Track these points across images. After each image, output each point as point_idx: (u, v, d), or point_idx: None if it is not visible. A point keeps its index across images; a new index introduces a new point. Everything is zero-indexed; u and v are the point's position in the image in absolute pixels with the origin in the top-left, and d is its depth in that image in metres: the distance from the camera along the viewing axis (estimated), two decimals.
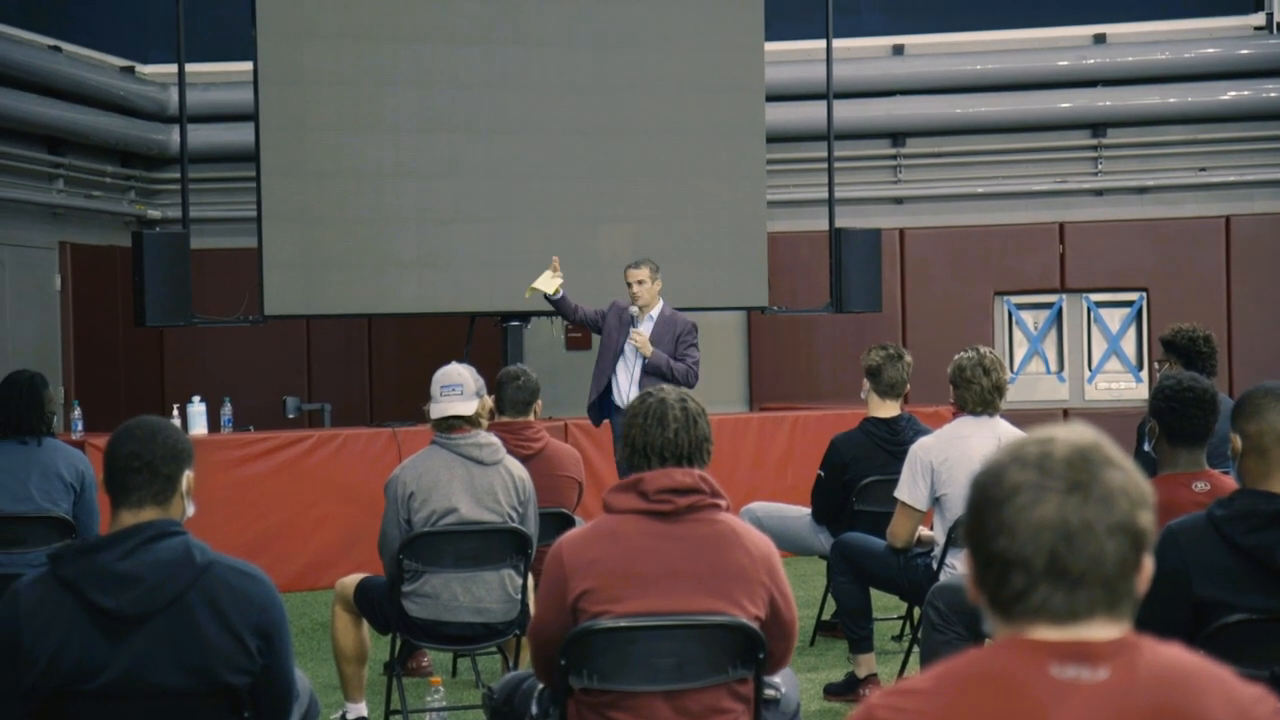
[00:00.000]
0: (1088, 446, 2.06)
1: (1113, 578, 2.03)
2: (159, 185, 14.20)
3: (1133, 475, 2.06)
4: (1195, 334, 7.51)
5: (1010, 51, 13.83)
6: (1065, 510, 2.02)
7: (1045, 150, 13.91)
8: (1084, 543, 2.02)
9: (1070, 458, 2.05)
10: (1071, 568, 2.02)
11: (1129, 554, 2.04)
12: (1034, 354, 13.63)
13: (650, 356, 9.43)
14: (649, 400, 4.22)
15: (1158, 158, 13.82)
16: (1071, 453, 2.05)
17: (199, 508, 3.74)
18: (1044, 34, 13.93)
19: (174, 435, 3.65)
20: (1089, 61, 13.73)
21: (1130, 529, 2.04)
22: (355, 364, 13.74)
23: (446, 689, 6.74)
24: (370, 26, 11.24)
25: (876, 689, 6.88)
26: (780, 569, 4.16)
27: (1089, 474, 2.04)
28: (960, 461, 6.41)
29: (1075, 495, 2.03)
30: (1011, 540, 2.04)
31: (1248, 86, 13.53)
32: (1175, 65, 13.62)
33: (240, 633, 3.52)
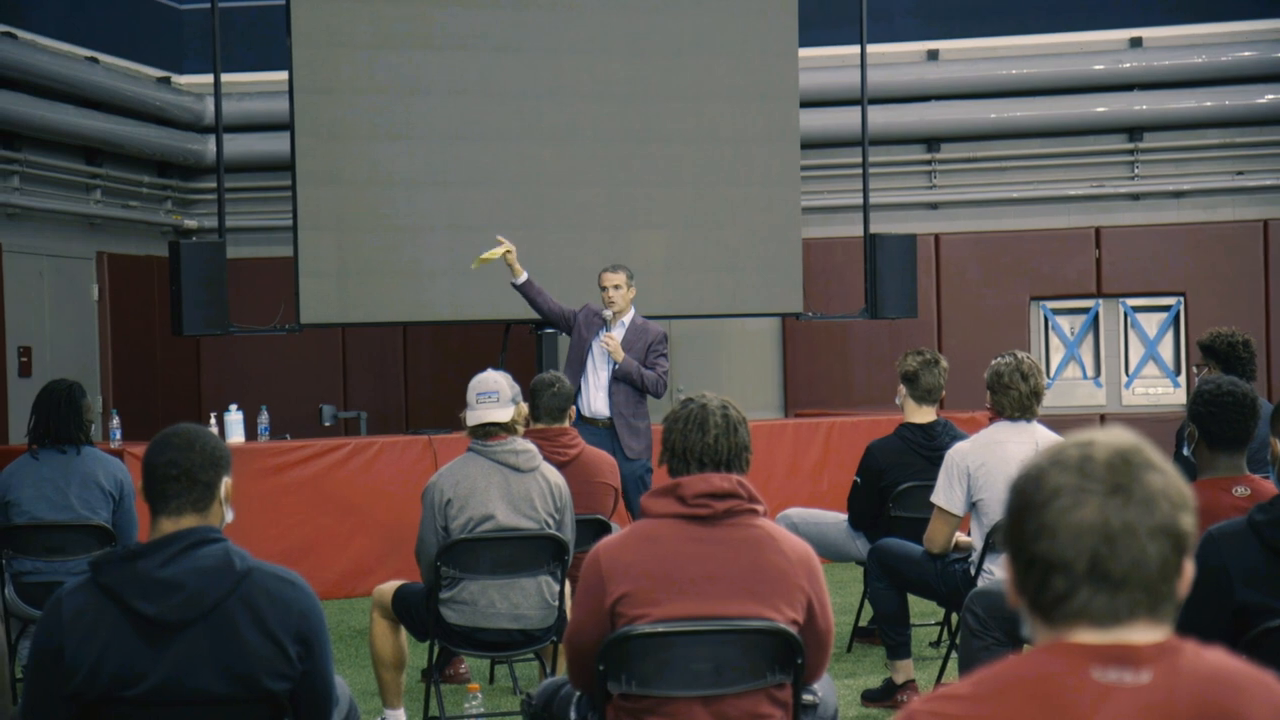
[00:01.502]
0: (1128, 449, 2.06)
1: (1154, 580, 2.03)
2: (195, 195, 14.28)
3: (1173, 478, 2.06)
4: (1234, 338, 7.47)
5: (1045, 56, 13.78)
6: (1106, 512, 2.02)
7: (1081, 155, 13.86)
8: (1125, 545, 2.01)
9: (1111, 460, 2.04)
10: (1113, 570, 2.02)
11: (1170, 556, 2.03)
12: (1070, 359, 13.58)
13: (621, 362, 9.36)
14: (690, 406, 4.22)
15: (1194, 161, 13.76)
16: (1112, 455, 2.05)
17: (237, 516, 3.76)
18: (1079, 38, 13.88)
19: (212, 442, 3.67)
20: (1125, 65, 13.67)
21: (1172, 531, 2.03)
22: (390, 372, 13.77)
23: (484, 695, 6.75)
24: (404, 36, 11.27)
25: (915, 695, 6.90)
26: (820, 574, 4.16)
27: (1130, 477, 2.03)
28: (997, 466, 6.40)
29: (1116, 498, 2.02)
30: (1053, 543, 2.03)
31: None
32: (1211, 69, 13.56)
33: (280, 639, 3.53)
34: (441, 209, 11.37)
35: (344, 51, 11.15)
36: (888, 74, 13.39)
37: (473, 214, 11.40)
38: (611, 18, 11.66)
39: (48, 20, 12.58)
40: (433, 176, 11.33)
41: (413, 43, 11.27)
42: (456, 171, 11.37)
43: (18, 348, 12.09)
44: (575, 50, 11.56)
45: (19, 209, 12.14)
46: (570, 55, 11.55)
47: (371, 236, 11.25)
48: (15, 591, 6.83)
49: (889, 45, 13.60)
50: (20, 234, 12.20)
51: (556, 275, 11.56)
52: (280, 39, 11.13)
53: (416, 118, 11.31)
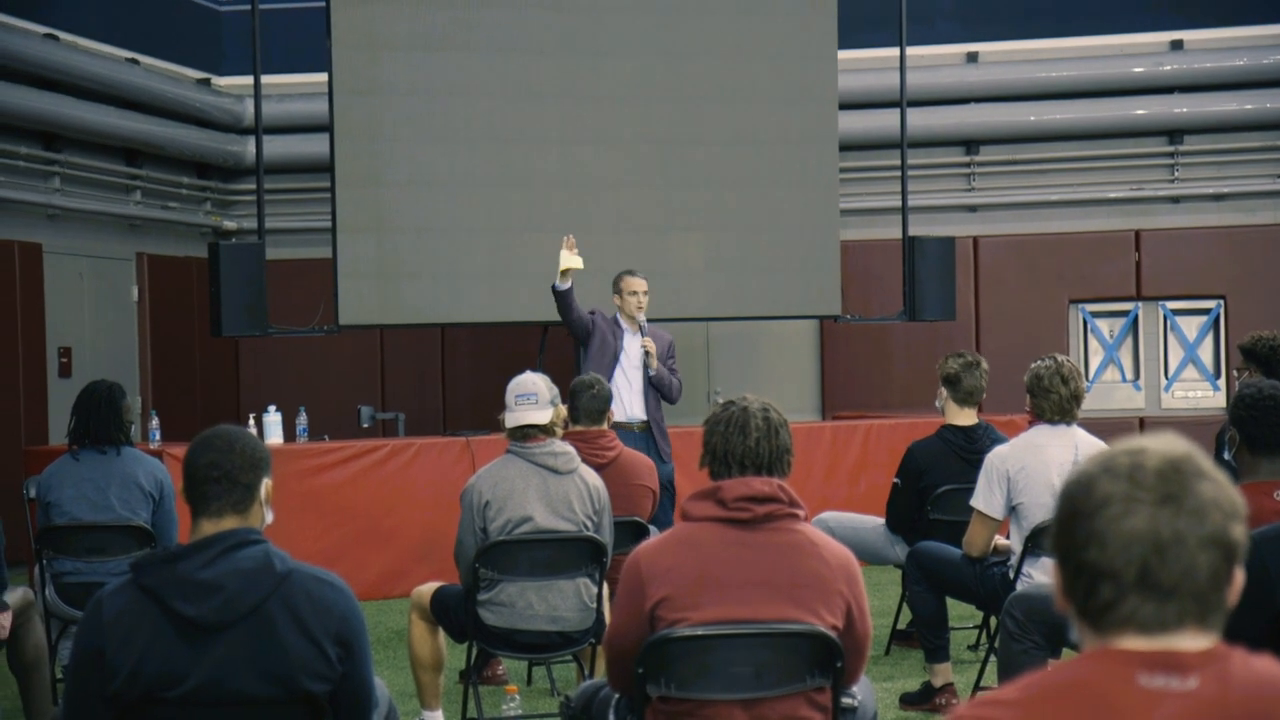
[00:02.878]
0: (1179, 458, 2.04)
1: (1205, 590, 2.01)
2: (234, 196, 14.34)
3: (1225, 487, 2.04)
4: (1276, 342, 7.43)
5: (1085, 59, 13.74)
6: (1157, 522, 2.00)
7: (1121, 157, 13.81)
8: (1176, 555, 2.00)
9: (1162, 469, 2.03)
10: (1163, 580, 2.00)
11: (1221, 566, 2.02)
12: (1109, 362, 13.52)
13: (656, 369, 9.35)
14: (732, 409, 4.21)
15: (1235, 164, 13.69)
16: (1163, 464, 2.03)
17: (276, 517, 3.77)
18: (1119, 40, 13.83)
19: (252, 444, 3.68)
20: (1165, 68, 13.61)
21: (1223, 541, 2.02)
22: (429, 373, 13.81)
23: (522, 697, 6.76)
24: (444, 37, 11.29)
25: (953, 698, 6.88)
26: (859, 580, 4.15)
27: (1181, 485, 2.02)
28: (1037, 470, 6.37)
29: (1167, 507, 2.01)
30: (1102, 551, 2.02)
31: None
32: (1252, 71, 13.49)
33: (320, 641, 3.53)
34: (480, 211, 11.38)
35: (383, 53, 11.18)
36: (927, 76, 13.36)
37: (511, 216, 11.42)
38: (651, 20, 11.67)
39: (88, 22, 12.65)
40: (471, 178, 11.35)
41: (452, 45, 11.29)
42: (495, 173, 11.38)
43: (58, 348, 12.16)
44: (614, 53, 11.57)
45: (59, 210, 12.21)
46: (609, 58, 11.56)
47: (410, 238, 11.28)
48: (55, 592, 6.86)
49: (928, 48, 13.57)
50: (61, 235, 12.27)
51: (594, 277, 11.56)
52: (320, 41, 11.17)
53: (455, 120, 11.33)
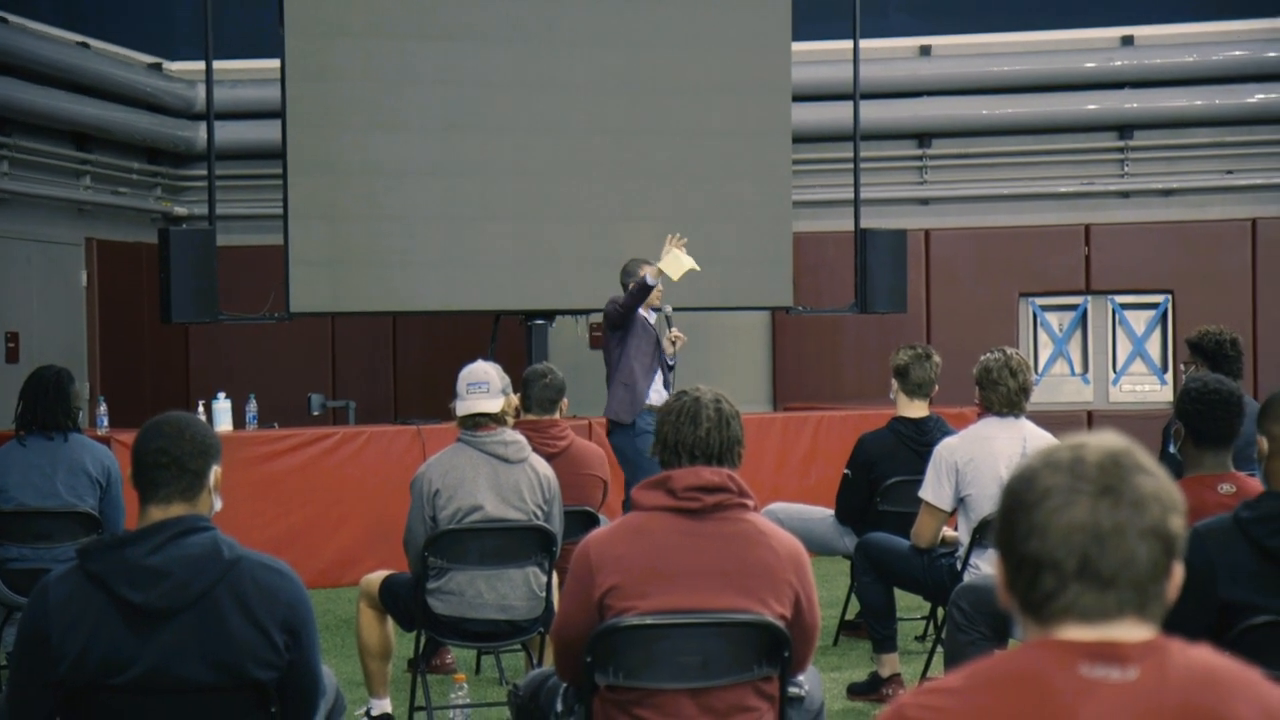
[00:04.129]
0: (1119, 451, 2.07)
1: (1144, 580, 2.04)
2: (185, 182, 14.26)
3: (1164, 481, 2.07)
4: (1222, 336, 7.48)
5: (1037, 53, 13.80)
6: (1097, 513, 2.03)
7: (1071, 152, 13.88)
8: (1115, 545, 2.03)
9: (1102, 462, 2.06)
10: (1103, 570, 2.03)
11: (1160, 557, 2.04)
12: (1058, 356, 13.60)
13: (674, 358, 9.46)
14: (684, 399, 4.23)
15: (1184, 160, 13.79)
16: (1103, 457, 2.06)
17: (225, 504, 3.76)
18: (1071, 35, 13.90)
19: (201, 431, 3.67)
20: (1116, 63, 13.70)
21: (1162, 533, 2.04)
22: (380, 361, 13.77)
23: (470, 686, 6.76)
24: (398, 24, 11.26)
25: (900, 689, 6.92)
26: (808, 569, 4.17)
27: (1121, 478, 2.04)
28: (985, 462, 6.41)
29: (1107, 499, 2.03)
30: (1043, 542, 2.04)
31: (1275, 89, 13.50)
32: (1202, 67, 13.59)
33: (268, 628, 3.53)
34: (433, 199, 11.36)
35: (337, 40, 11.14)
36: (880, 69, 13.39)
37: (464, 205, 11.40)
38: (605, 10, 11.66)
39: (39, 5, 12.56)
40: (424, 166, 11.32)
41: (406, 32, 11.26)
42: (448, 162, 11.36)
43: (5, 333, 12.08)
44: (568, 42, 11.56)
45: (8, 194, 12.12)
46: (563, 47, 11.55)
47: (362, 226, 11.24)
48: (1, 579, 6.82)
49: (882, 40, 13.61)
50: (9, 219, 12.18)
51: (548, 266, 11.57)
52: (273, 26, 11.11)
53: (409, 107, 11.30)
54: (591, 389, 12.46)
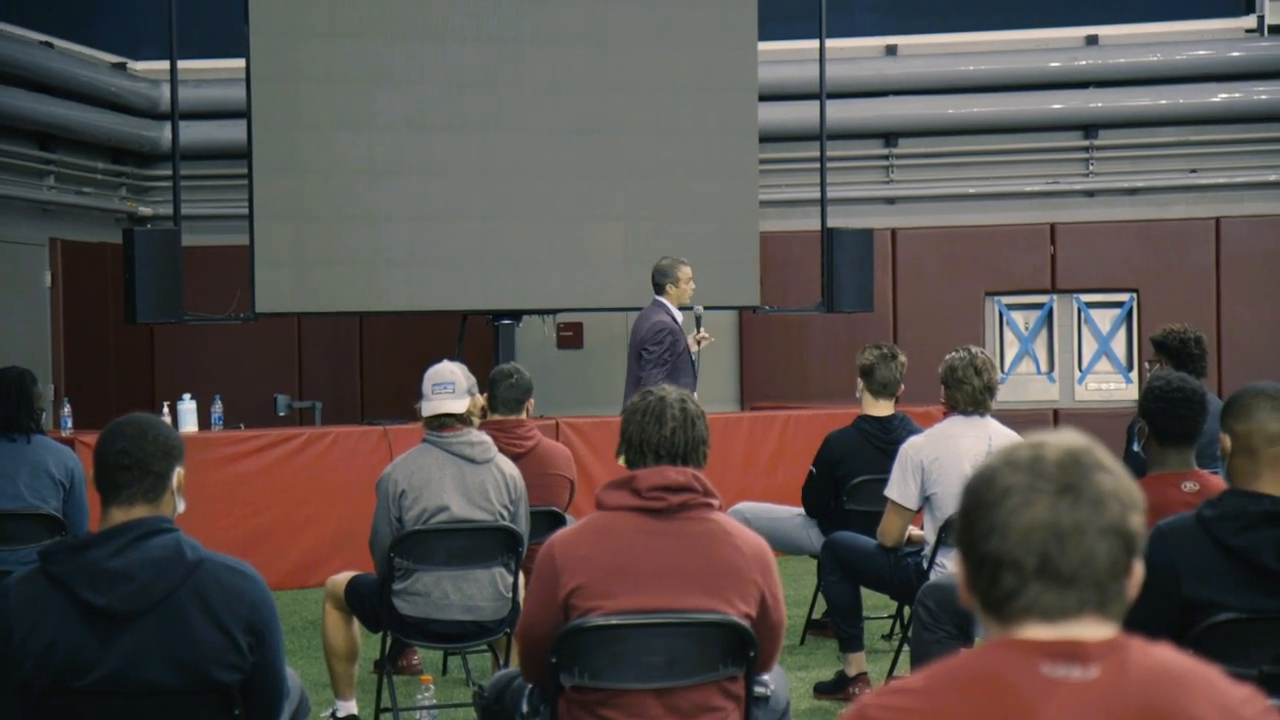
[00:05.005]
0: (1079, 450, 2.08)
1: (1104, 578, 2.04)
2: (150, 182, 14.19)
3: (1123, 479, 2.08)
4: (1187, 335, 7.52)
5: (1003, 52, 13.84)
6: (1057, 512, 2.03)
7: (1037, 151, 13.92)
8: (1075, 544, 2.03)
9: (1062, 461, 2.06)
10: (1063, 568, 2.03)
11: (1120, 556, 2.05)
12: (1024, 354, 13.64)
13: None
14: (649, 399, 4.23)
15: (1149, 159, 13.84)
16: (1063, 456, 2.07)
17: (189, 505, 3.74)
18: (1036, 35, 13.95)
19: (164, 432, 3.65)
20: (1081, 63, 13.75)
21: (1121, 531, 2.05)
22: (346, 362, 13.73)
23: (437, 687, 6.75)
24: (363, 24, 11.23)
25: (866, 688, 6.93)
26: (773, 568, 4.17)
27: (1080, 477, 2.05)
28: (950, 461, 6.42)
29: (1066, 497, 2.04)
30: (1003, 541, 2.05)
31: (1238, 89, 13.57)
32: (1166, 67, 13.65)
33: (231, 630, 3.52)
34: (399, 199, 11.34)
35: (302, 40, 11.11)
36: (846, 69, 13.41)
37: (431, 204, 11.38)
38: (571, 10, 11.66)
39: (2, 4, 12.48)
40: (391, 166, 11.30)
41: (372, 31, 11.23)
42: (415, 161, 11.34)
43: None
44: (535, 41, 11.55)
45: None
46: (530, 46, 11.54)
47: (329, 226, 11.21)
48: None
49: (848, 40, 13.62)
50: None
51: (515, 265, 11.56)
52: (238, 26, 11.07)
53: (375, 107, 11.28)
54: (559, 389, 12.48)
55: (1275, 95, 13.53)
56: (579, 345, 13.30)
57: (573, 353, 13.26)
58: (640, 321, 9.80)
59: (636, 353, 9.68)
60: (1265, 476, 4.00)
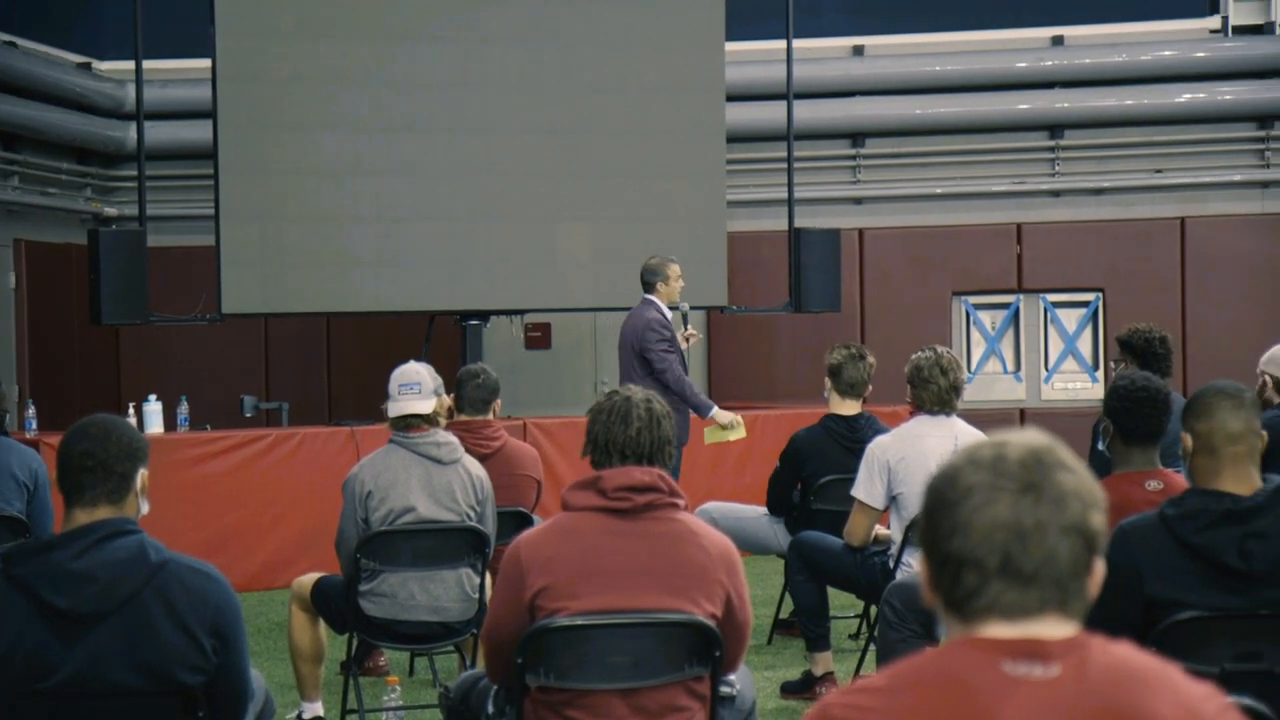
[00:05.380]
0: (1041, 449, 2.08)
1: (1065, 577, 2.05)
2: (116, 183, 14.13)
3: (1085, 478, 2.09)
4: (1152, 334, 7.54)
5: (969, 53, 13.89)
6: (1019, 510, 2.04)
7: (1003, 151, 13.97)
8: (1037, 542, 2.04)
9: (1024, 459, 2.07)
10: (1024, 567, 2.04)
11: (1081, 554, 2.06)
12: (991, 354, 13.68)
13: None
14: (615, 398, 4.23)
15: (1114, 159, 13.90)
16: (1025, 455, 2.07)
17: (155, 507, 3.73)
18: (1002, 36, 13.99)
19: (128, 433, 3.64)
20: (1047, 63, 13.80)
21: (1083, 530, 2.06)
22: (313, 363, 13.69)
23: (403, 688, 6.73)
24: (330, 24, 11.20)
25: (833, 687, 6.94)
26: (739, 568, 4.18)
27: (1042, 475, 2.06)
28: (917, 460, 6.44)
29: (1028, 496, 2.05)
30: (965, 540, 2.05)
31: (1203, 89, 13.63)
32: (1132, 67, 13.72)
33: (195, 632, 3.51)
34: (367, 199, 11.31)
35: (268, 40, 11.07)
36: (813, 69, 13.43)
37: (398, 205, 11.36)
38: (539, 9, 11.65)
39: None
40: (358, 167, 11.27)
41: (338, 32, 11.20)
42: (382, 162, 11.31)
43: None
44: (502, 41, 11.53)
45: None
46: (497, 46, 11.52)
47: (295, 226, 11.18)
48: None
49: (815, 40, 13.64)
50: None
51: (482, 266, 11.54)
52: (204, 26, 11.03)
53: (342, 107, 11.25)
54: (526, 389, 12.47)
55: (1240, 95, 13.61)
56: (547, 346, 13.29)
57: (540, 353, 13.26)
58: (633, 320, 9.72)
59: (634, 350, 9.64)
60: (1226, 475, 4.02)
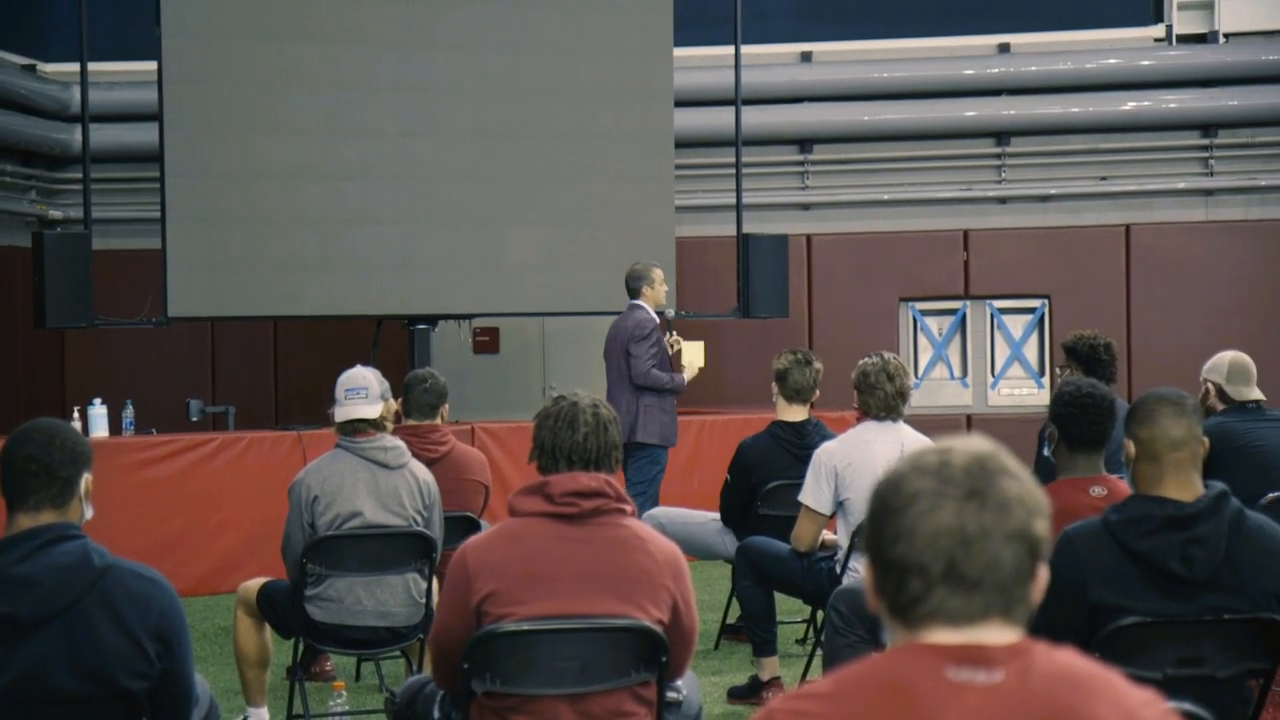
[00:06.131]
0: (985, 456, 2.10)
1: (1009, 583, 2.06)
2: (61, 185, 14.02)
3: (1028, 485, 2.10)
4: (1096, 341, 7.60)
5: (917, 60, 13.95)
6: (963, 517, 2.05)
7: (950, 158, 14.04)
8: (981, 548, 2.05)
9: (968, 466, 2.08)
10: (968, 573, 2.05)
11: (1025, 560, 2.07)
12: (938, 360, 13.75)
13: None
14: (562, 404, 4.23)
15: (1060, 166, 14.00)
16: (969, 461, 2.09)
17: (100, 511, 3.71)
18: (950, 43, 14.06)
19: (72, 437, 3.62)
20: (993, 71, 13.88)
21: (1026, 536, 2.07)
22: (260, 367, 13.62)
23: (349, 693, 6.71)
24: (277, 27, 11.15)
25: (780, 692, 6.95)
26: (686, 574, 4.18)
27: (986, 482, 2.07)
28: (864, 466, 6.46)
29: (972, 502, 2.06)
30: (910, 546, 2.06)
31: (1147, 97, 13.74)
32: (1077, 75, 13.81)
33: (139, 637, 3.49)
34: (314, 202, 11.27)
35: (215, 42, 11.01)
36: (762, 75, 13.46)
37: (346, 208, 11.32)
38: (487, 13, 11.63)
39: None
40: (305, 170, 11.23)
41: (285, 34, 11.16)
42: (330, 165, 11.27)
43: None
44: (451, 46, 11.51)
45: None
46: (445, 50, 11.50)
47: (242, 229, 11.12)
48: None
49: (763, 46, 13.68)
50: None
51: (430, 270, 11.51)
52: (150, 28, 10.96)
53: (289, 110, 11.20)
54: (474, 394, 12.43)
55: (1184, 104, 13.72)
56: (495, 350, 13.26)
57: (489, 358, 13.22)
58: (622, 324, 9.88)
59: (624, 352, 9.72)
60: (1169, 481, 4.05)
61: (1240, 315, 13.22)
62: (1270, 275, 13.45)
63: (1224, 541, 3.96)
